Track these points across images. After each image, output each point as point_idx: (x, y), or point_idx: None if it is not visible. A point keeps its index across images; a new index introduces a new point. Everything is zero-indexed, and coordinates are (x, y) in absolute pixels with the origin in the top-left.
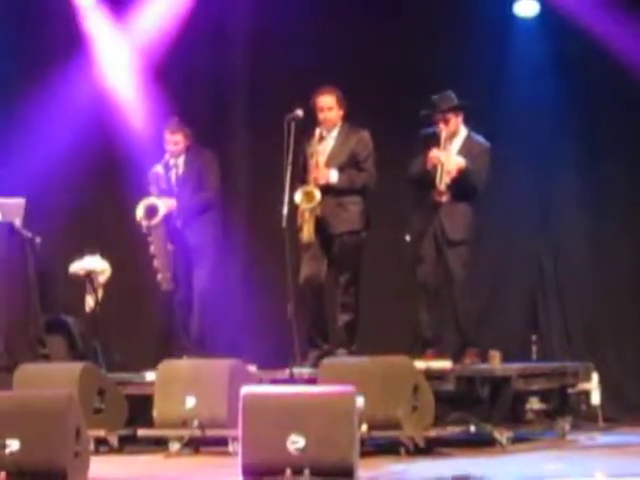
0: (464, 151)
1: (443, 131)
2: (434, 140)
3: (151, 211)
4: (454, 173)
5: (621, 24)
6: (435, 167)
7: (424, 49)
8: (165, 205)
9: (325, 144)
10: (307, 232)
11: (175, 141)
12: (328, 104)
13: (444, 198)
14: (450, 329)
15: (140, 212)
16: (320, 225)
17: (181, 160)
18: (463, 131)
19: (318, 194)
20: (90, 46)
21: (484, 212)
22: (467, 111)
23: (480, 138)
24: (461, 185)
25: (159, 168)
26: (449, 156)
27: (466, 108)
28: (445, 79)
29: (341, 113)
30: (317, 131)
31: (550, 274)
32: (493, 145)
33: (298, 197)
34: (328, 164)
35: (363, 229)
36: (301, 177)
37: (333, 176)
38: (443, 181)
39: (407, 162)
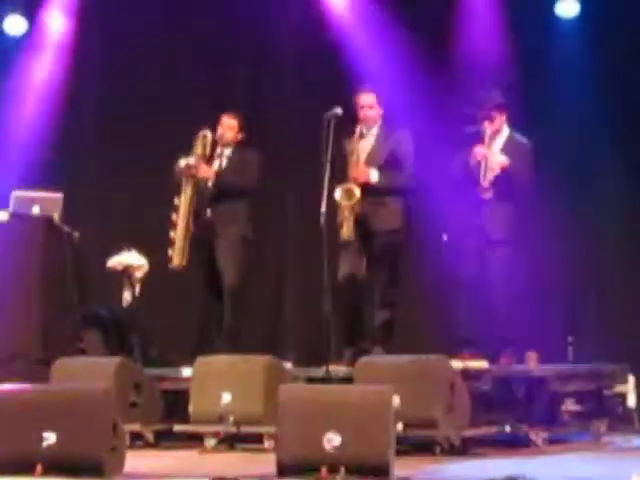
0: (507, 150)
1: (487, 129)
2: (478, 138)
3: (190, 169)
4: (497, 170)
5: None
6: (479, 164)
7: (462, 46)
8: (204, 169)
9: (365, 142)
10: (347, 229)
11: (230, 125)
12: (369, 102)
13: (487, 195)
14: (487, 329)
15: (181, 163)
16: (360, 223)
17: (227, 152)
18: (506, 130)
19: (358, 191)
20: None
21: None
22: (510, 110)
23: (523, 138)
24: (504, 184)
25: (209, 133)
26: (492, 154)
27: (510, 107)
28: (484, 78)
29: (381, 112)
30: (357, 128)
31: (587, 275)
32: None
33: (338, 194)
34: (368, 162)
35: (403, 228)
36: (341, 175)
37: (374, 175)
38: (487, 178)
39: (443, 161)
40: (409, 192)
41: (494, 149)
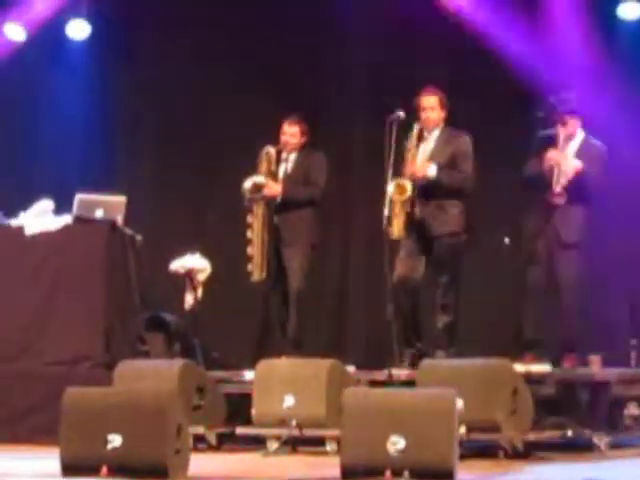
0: (581, 154)
1: (561, 133)
2: (551, 142)
3: (258, 189)
4: (570, 175)
5: None
6: (552, 168)
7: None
8: (271, 188)
9: (426, 144)
10: (397, 227)
11: (292, 133)
12: (431, 104)
13: (560, 200)
14: (551, 332)
15: (247, 185)
16: (419, 227)
17: (292, 157)
18: (580, 134)
19: (410, 187)
20: None
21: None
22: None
23: (597, 141)
24: (577, 188)
25: (272, 149)
26: (566, 158)
27: (584, 110)
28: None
29: (443, 115)
30: (416, 127)
31: None
32: None
33: (390, 188)
34: (429, 159)
35: (463, 231)
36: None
37: (432, 170)
38: (559, 183)
39: (505, 166)
40: (467, 195)
41: (568, 154)
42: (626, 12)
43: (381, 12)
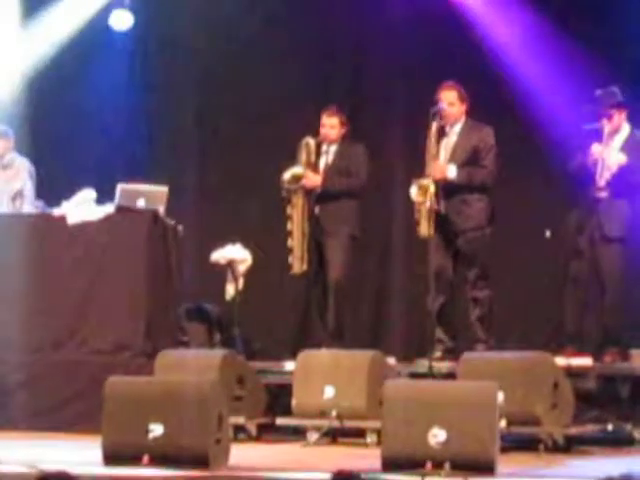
0: (626, 148)
1: (606, 127)
2: (596, 136)
3: (297, 180)
4: (615, 169)
5: None
6: (596, 162)
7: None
8: (311, 179)
9: (448, 140)
10: (424, 227)
11: (331, 124)
12: (450, 99)
13: (603, 194)
14: (592, 326)
15: (286, 176)
16: (445, 223)
17: (333, 148)
18: (626, 128)
19: (432, 188)
20: None
21: None
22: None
23: None
24: (621, 182)
25: (311, 140)
26: (610, 152)
27: (629, 105)
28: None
29: (463, 108)
30: (434, 125)
31: None
32: None
33: (413, 191)
34: (451, 159)
35: (487, 225)
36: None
37: (451, 171)
38: (603, 177)
39: (528, 163)
40: (490, 189)
41: (612, 148)
42: None
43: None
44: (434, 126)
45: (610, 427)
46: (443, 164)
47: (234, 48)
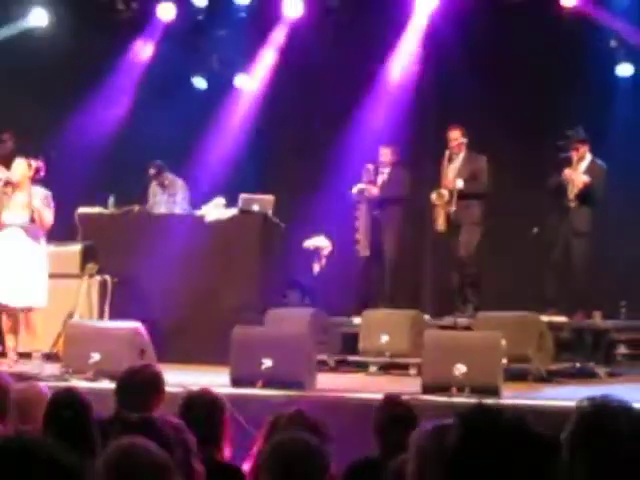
0: (588, 172)
1: (574, 156)
2: (567, 162)
3: (361, 192)
4: (581, 186)
5: None
6: (567, 182)
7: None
8: (370, 190)
9: (454, 164)
10: (439, 222)
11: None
12: (455, 136)
13: (573, 204)
14: (566, 294)
15: (355, 190)
16: (455, 219)
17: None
18: (588, 157)
19: (446, 194)
20: None
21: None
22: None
23: (601, 162)
24: (585, 195)
25: (370, 166)
26: (577, 174)
27: (591, 141)
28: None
29: (465, 141)
30: (447, 153)
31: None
32: None
33: (433, 196)
34: (458, 176)
35: (482, 222)
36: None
37: (460, 183)
38: (573, 192)
39: (537, 178)
40: (487, 197)
41: (579, 171)
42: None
43: None
44: (446, 154)
45: (578, 365)
46: (452, 178)
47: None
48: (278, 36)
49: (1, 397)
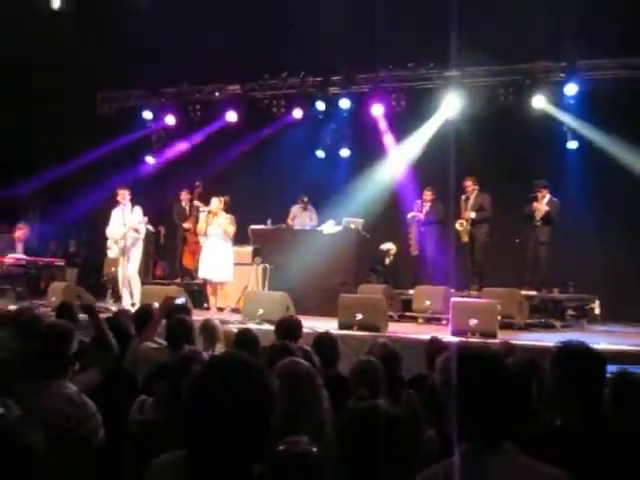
0: (548, 204)
1: (539, 195)
2: (535, 199)
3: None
4: (543, 213)
5: None
6: (535, 210)
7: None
8: (418, 216)
9: (469, 201)
10: (464, 237)
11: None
12: (469, 183)
13: (538, 223)
14: (535, 278)
15: (409, 216)
16: (471, 235)
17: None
18: (548, 196)
19: (465, 223)
20: None
21: None
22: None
23: (556, 199)
24: (546, 219)
25: (418, 201)
26: (541, 206)
27: (550, 186)
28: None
29: (476, 186)
30: (463, 197)
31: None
32: None
33: (456, 225)
34: (471, 210)
35: (489, 237)
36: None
37: (473, 214)
38: (538, 216)
39: (519, 208)
40: (490, 221)
41: (542, 204)
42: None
43: None
44: (463, 197)
45: (543, 320)
46: (468, 212)
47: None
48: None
49: (213, 332)
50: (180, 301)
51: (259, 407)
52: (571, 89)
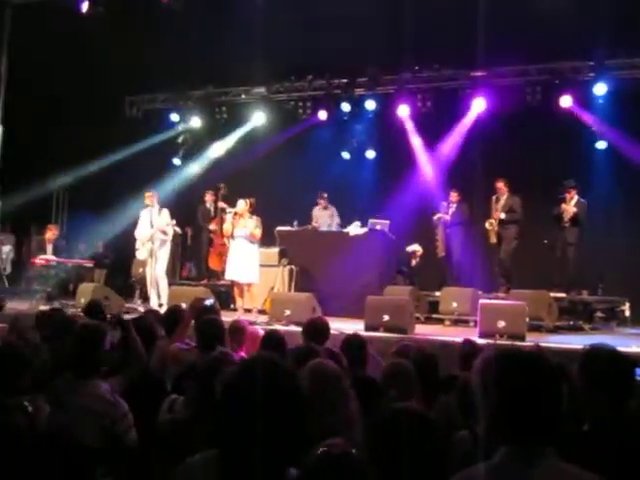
0: (576, 205)
1: (567, 196)
2: (564, 200)
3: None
4: (571, 214)
5: None
6: (563, 211)
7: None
8: (444, 217)
9: (500, 202)
10: (492, 239)
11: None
12: (500, 185)
13: (567, 225)
14: (564, 280)
15: (435, 217)
16: (499, 236)
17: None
18: (576, 196)
19: (494, 223)
20: None
21: None
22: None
23: (583, 200)
24: (574, 220)
25: (444, 202)
26: (569, 207)
27: (578, 187)
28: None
29: (507, 188)
30: (494, 197)
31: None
32: None
33: (486, 224)
34: (502, 211)
35: (516, 238)
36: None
37: (503, 215)
38: (566, 217)
39: (547, 209)
40: (520, 223)
41: (570, 205)
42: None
43: None
44: (494, 198)
45: (572, 323)
46: (498, 213)
47: None
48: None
49: (241, 333)
50: (209, 302)
51: (291, 409)
52: (600, 89)
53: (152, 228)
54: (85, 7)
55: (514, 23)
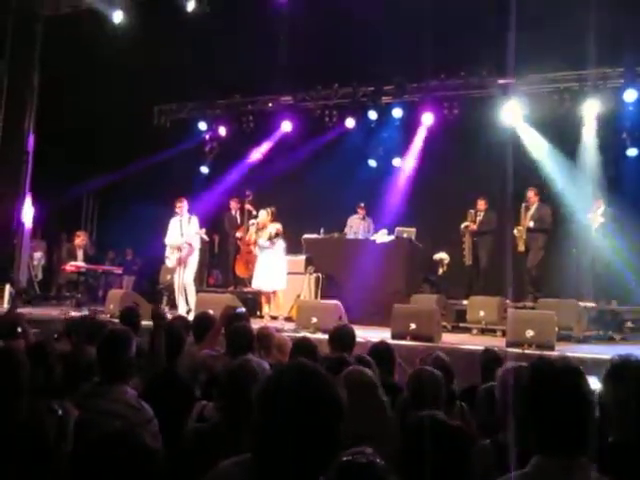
0: (603, 216)
1: (594, 205)
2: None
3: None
4: (598, 224)
5: None
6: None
7: None
8: (471, 226)
9: (530, 211)
10: (520, 246)
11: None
12: (531, 195)
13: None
14: (594, 290)
15: (462, 226)
16: (527, 245)
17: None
18: (602, 206)
19: (523, 230)
20: None
21: None
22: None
23: (610, 209)
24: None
25: (472, 211)
26: (597, 217)
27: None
28: None
29: (537, 198)
30: (523, 205)
31: None
32: None
33: (515, 231)
34: (530, 219)
35: (543, 247)
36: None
37: (531, 224)
38: (594, 227)
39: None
40: (548, 232)
41: (597, 214)
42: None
43: None
44: (523, 206)
45: (602, 332)
46: (527, 221)
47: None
48: (419, 136)
49: (269, 340)
50: (240, 310)
51: (329, 416)
52: (630, 95)
53: (182, 236)
54: (118, 17)
55: (543, 29)
